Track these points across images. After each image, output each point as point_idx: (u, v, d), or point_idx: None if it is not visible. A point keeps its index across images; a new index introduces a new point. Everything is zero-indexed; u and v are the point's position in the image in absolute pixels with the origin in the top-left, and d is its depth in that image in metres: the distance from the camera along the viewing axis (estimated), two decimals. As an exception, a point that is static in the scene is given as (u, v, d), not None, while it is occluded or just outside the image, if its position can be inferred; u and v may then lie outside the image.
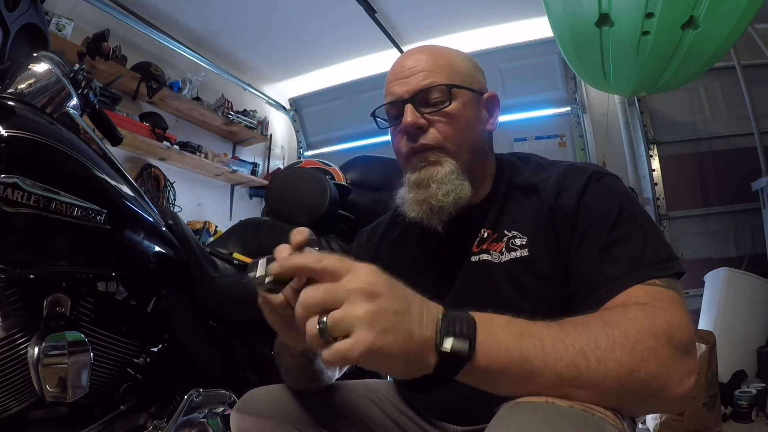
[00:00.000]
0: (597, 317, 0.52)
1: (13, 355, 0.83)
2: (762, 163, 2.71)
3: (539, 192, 0.71)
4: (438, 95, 0.73)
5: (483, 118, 0.78)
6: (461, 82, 0.75)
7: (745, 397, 2.08)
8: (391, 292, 0.45)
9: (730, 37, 1.80)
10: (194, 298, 1.17)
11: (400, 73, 0.76)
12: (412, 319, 0.45)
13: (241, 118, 3.60)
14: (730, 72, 2.79)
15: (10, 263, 0.83)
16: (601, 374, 0.46)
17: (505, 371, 0.46)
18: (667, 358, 0.49)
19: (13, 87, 0.92)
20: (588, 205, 0.66)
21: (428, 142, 0.73)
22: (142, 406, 1.08)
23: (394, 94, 0.75)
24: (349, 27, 3.20)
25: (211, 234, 3.13)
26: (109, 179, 0.98)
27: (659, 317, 0.51)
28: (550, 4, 1.99)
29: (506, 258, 0.70)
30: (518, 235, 0.71)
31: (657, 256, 0.59)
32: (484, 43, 3.45)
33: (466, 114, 0.74)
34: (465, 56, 0.79)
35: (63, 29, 2.35)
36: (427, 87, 0.73)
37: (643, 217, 0.65)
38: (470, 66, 0.79)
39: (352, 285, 0.44)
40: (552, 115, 3.60)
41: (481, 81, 0.80)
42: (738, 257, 2.91)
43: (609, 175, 0.70)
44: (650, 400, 0.50)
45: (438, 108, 0.73)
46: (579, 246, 0.64)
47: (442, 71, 0.74)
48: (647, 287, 0.56)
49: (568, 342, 0.47)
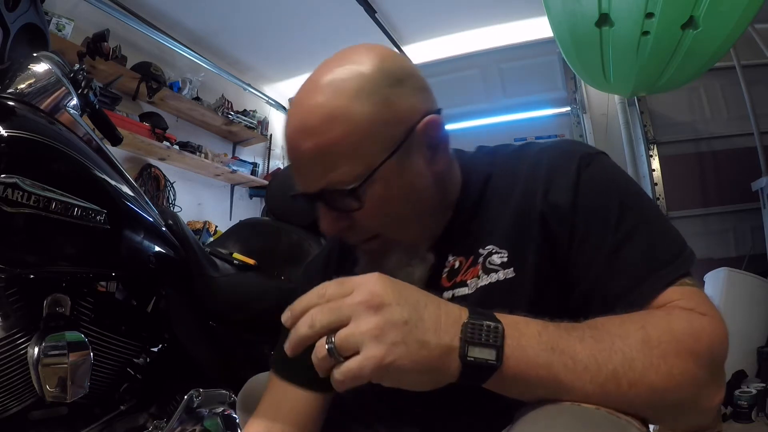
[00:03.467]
0: (638, 327, 0.46)
1: (13, 355, 0.83)
2: (762, 163, 2.71)
3: (521, 192, 0.59)
4: (344, 194, 0.55)
5: (420, 171, 0.58)
6: (370, 157, 0.54)
7: (745, 397, 2.08)
8: (400, 299, 0.42)
9: (730, 37, 1.80)
10: (194, 298, 1.17)
11: (291, 159, 0.58)
12: (425, 328, 0.42)
13: (241, 118, 3.60)
14: (730, 72, 2.79)
15: (10, 263, 0.82)
16: (630, 398, 0.44)
17: (532, 385, 0.44)
18: (704, 380, 0.45)
19: (13, 87, 0.92)
20: (585, 199, 0.55)
21: (363, 237, 0.60)
22: (142, 406, 1.08)
23: (297, 184, 0.59)
24: (349, 27, 3.20)
25: (211, 234, 3.13)
26: (109, 179, 0.98)
27: (704, 332, 0.46)
28: (550, 4, 1.99)
29: (484, 282, 0.57)
30: (495, 249, 0.58)
31: (675, 249, 0.53)
32: (484, 43, 3.45)
33: (393, 192, 0.56)
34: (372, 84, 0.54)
35: (63, 29, 2.35)
36: (325, 190, 0.56)
37: (646, 204, 0.57)
38: (380, 103, 0.54)
39: (356, 299, 0.42)
40: (552, 115, 3.60)
41: (406, 108, 0.57)
42: (738, 257, 2.90)
43: (597, 155, 0.60)
44: (675, 419, 0.48)
45: (352, 208, 0.56)
46: (581, 250, 0.54)
47: (338, 154, 0.54)
48: (681, 288, 0.51)
49: (601, 361, 0.44)
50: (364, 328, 0.41)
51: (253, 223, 1.63)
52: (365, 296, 0.42)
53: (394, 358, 0.40)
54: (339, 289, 0.43)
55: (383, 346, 0.40)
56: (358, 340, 0.41)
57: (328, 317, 0.42)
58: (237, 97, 3.71)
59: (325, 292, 0.43)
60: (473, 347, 0.42)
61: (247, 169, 3.67)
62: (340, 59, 0.57)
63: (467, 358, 0.42)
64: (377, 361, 0.40)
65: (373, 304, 0.41)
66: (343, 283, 0.43)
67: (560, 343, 0.44)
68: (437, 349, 0.42)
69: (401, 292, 0.43)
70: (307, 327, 0.43)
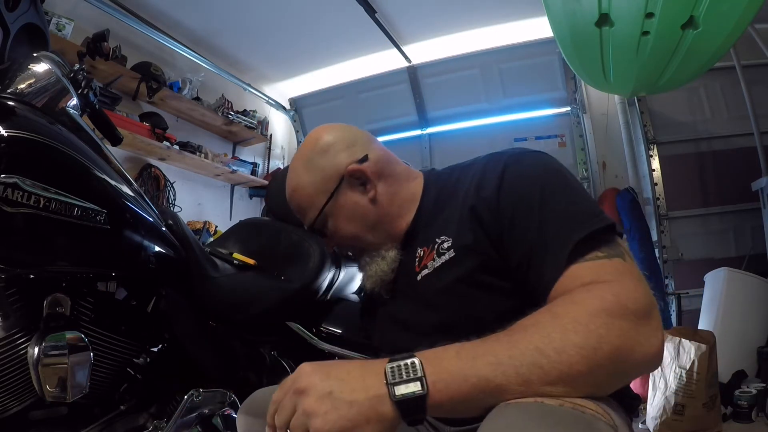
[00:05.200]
0: (545, 311, 0.52)
1: (13, 355, 0.83)
2: (762, 163, 2.71)
3: (464, 192, 0.73)
4: (318, 228, 0.84)
5: (356, 201, 0.81)
6: (318, 204, 0.81)
7: (745, 397, 2.08)
8: (323, 378, 0.50)
9: (730, 37, 1.80)
10: (194, 298, 1.17)
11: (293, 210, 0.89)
12: (351, 388, 0.48)
13: (241, 118, 3.60)
14: (730, 72, 2.80)
15: (10, 263, 0.82)
16: (566, 363, 0.47)
17: (470, 396, 0.48)
18: (625, 327, 0.49)
19: (13, 87, 0.92)
20: (508, 190, 0.66)
21: (345, 249, 0.88)
22: (142, 406, 1.08)
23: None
24: (349, 27, 3.20)
25: (211, 234, 3.13)
26: (109, 179, 0.98)
27: (606, 291, 0.52)
28: (550, 4, 1.99)
29: (438, 264, 0.72)
30: (445, 239, 0.72)
31: (585, 226, 0.59)
32: (484, 43, 3.45)
33: (340, 221, 0.82)
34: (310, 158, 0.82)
35: (63, 29, 2.35)
36: (310, 227, 0.85)
37: (564, 187, 0.65)
38: (316, 171, 0.82)
39: (287, 394, 0.51)
40: (552, 115, 3.60)
41: (333, 168, 0.81)
42: (738, 257, 2.91)
43: (529, 154, 0.71)
44: (624, 369, 0.51)
45: (324, 235, 0.85)
46: (510, 235, 0.64)
47: (305, 208, 0.83)
48: (588, 263, 0.57)
49: (522, 346, 0.48)
50: (301, 410, 0.49)
51: (253, 223, 1.63)
52: (294, 387, 0.50)
53: (331, 424, 0.47)
54: (281, 391, 0.52)
55: (319, 419, 0.47)
56: (303, 422, 0.48)
57: (281, 416, 0.51)
58: (237, 97, 3.72)
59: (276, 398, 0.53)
60: (398, 386, 0.48)
61: (247, 169, 3.67)
62: (303, 144, 0.85)
63: (396, 397, 0.47)
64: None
65: (299, 391, 0.50)
66: (284, 383, 0.53)
67: (478, 351, 0.50)
68: (367, 402, 0.48)
69: (326, 371, 0.51)
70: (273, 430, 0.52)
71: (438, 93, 3.75)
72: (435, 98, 3.75)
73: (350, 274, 1.44)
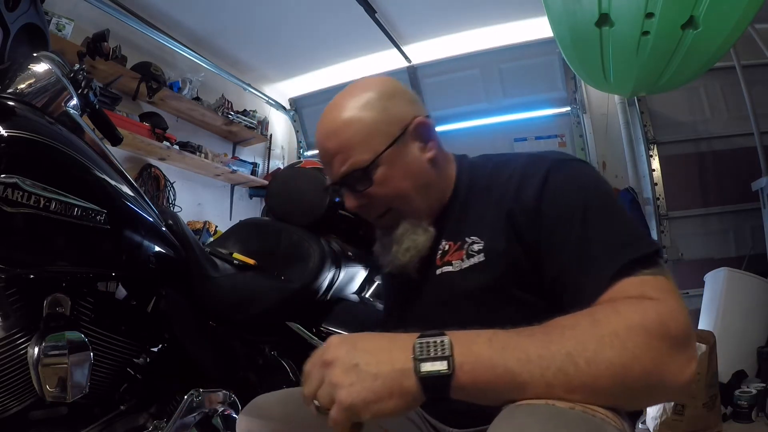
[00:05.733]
0: (586, 315, 0.51)
1: (13, 355, 0.83)
2: (762, 163, 2.71)
3: (498, 192, 0.70)
4: (359, 176, 0.73)
5: (416, 157, 0.75)
6: (376, 146, 0.73)
7: (745, 397, 2.08)
8: (350, 350, 0.50)
9: (730, 37, 1.80)
10: (194, 298, 1.17)
11: (321, 157, 0.79)
12: (377, 361, 0.49)
13: (241, 118, 3.60)
14: (730, 72, 2.79)
15: (10, 263, 0.82)
16: (593, 376, 0.46)
17: (493, 386, 0.47)
18: (662, 351, 0.47)
19: (13, 87, 0.92)
20: (551, 200, 0.63)
21: (378, 212, 0.77)
22: (142, 406, 1.08)
23: (328, 176, 0.79)
24: (349, 27, 3.20)
25: (211, 234, 3.13)
26: (109, 179, 0.98)
27: (651, 309, 0.50)
28: (550, 4, 1.99)
29: (466, 265, 0.70)
30: (476, 240, 0.70)
31: (637, 245, 0.57)
32: (484, 43, 3.45)
33: (396, 172, 0.74)
34: (374, 99, 0.75)
35: (63, 29, 2.35)
36: (346, 174, 0.74)
37: (611, 204, 0.63)
38: (380, 111, 0.74)
39: (315, 366, 0.52)
40: (552, 115, 3.60)
41: (399, 114, 0.75)
42: (738, 257, 2.91)
43: (571, 162, 0.68)
44: (650, 394, 0.50)
45: (366, 186, 0.74)
46: (550, 245, 0.62)
47: (353, 147, 0.73)
48: (636, 278, 0.55)
49: (554, 348, 0.47)
50: (327, 381, 0.49)
51: (253, 223, 1.63)
52: (323, 358, 0.51)
53: (355, 396, 0.47)
54: (310, 363, 0.53)
55: (344, 390, 0.48)
56: (328, 392, 0.49)
57: (309, 387, 0.52)
58: (237, 97, 3.71)
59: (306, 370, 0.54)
60: (425, 363, 0.47)
61: (247, 169, 3.67)
62: (355, 87, 0.79)
63: (420, 373, 0.47)
64: (347, 404, 0.47)
65: (326, 363, 0.50)
66: (314, 355, 0.53)
67: (510, 342, 0.49)
68: (391, 375, 0.48)
69: (353, 343, 0.51)
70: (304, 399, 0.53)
71: (438, 93, 3.74)
72: (435, 98, 3.75)
73: (350, 274, 1.44)
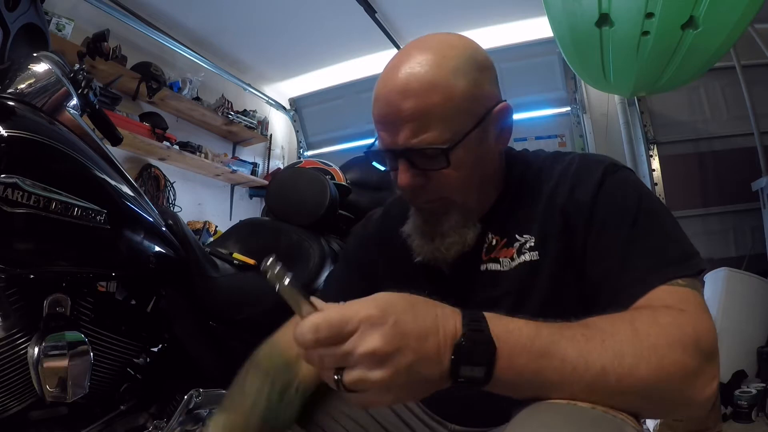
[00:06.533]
0: (627, 323, 0.49)
1: (13, 355, 0.83)
2: (762, 163, 2.71)
3: (551, 189, 0.66)
4: (434, 154, 0.62)
5: (491, 145, 0.67)
6: (461, 124, 0.62)
7: (745, 397, 2.08)
8: (403, 341, 0.43)
9: (730, 37, 1.80)
10: (194, 298, 1.17)
11: (385, 115, 0.63)
12: (429, 361, 0.44)
13: (241, 118, 3.60)
14: (730, 72, 2.79)
15: (10, 263, 0.83)
16: (620, 391, 0.46)
17: (521, 387, 0.47)
18: (693, 369, 0.47)
19: (13, 87, 0.92)
20: (605, 199, 0.62)
21: (430, 197, 0.67)
22: (142, 406, 1.08)
23: (383, 141, 0.65)
24: (349, 27, 3.20)
25: (211, 234, 3.13)
26: (109, 179, 0.98)
27: (688, 324, 0.49)
28: (550, 4, 1.99)
29: (516, 263, 0.66)
30: (528, 237, 0.66)
31: (681, 254, 0.57)
32: (484, 43, 3.37)
33: (471, 158, 0.64)
34: (466, 66, 0.63)
35: (63, 29, 2.35)
36: (417, 147, 0.62)
37: (663, 211, 0.62)
38: (472, 83, 0.63)
39: (361, 349, 0.42)
40: (552, 115, 3.60)
41: (488, 91, 0.66)
42: (738, 257, 2.90)
43: (624, 167, 0.66)
44: (673, 409, 0.50)
45: (440, 167, 0.63)
46: (597, 242, 0.60)
47: (436, 118, 0.61)
48: (671, 288, 0.54)
49: (590, 359, 0.46)
50: (372, 378, 0.42)
51: (253, 223, 1.63)
52: (369, 348, 0.42)
53: (401, 396, 0.45)
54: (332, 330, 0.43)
55: (392, 393, 0.44)
56: (366, 386, 0.43)
57: (335, 361, 0.43)
58: (237, 97, 3.71)
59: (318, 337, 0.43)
60: (464, 367, 0.45)
61: (247, 169, 3.67)
62: (438, 41, 0.65)
63: (459, 378, 0.45)
64: (387, 402, 0.45)
65: (379, 358, 0.42)
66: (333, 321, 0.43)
67: (551, 348, 0.47)
68: (438, 374, 0.45)
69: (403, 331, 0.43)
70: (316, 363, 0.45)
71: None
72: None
73: (350, 274, 1.44)
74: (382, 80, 0.65)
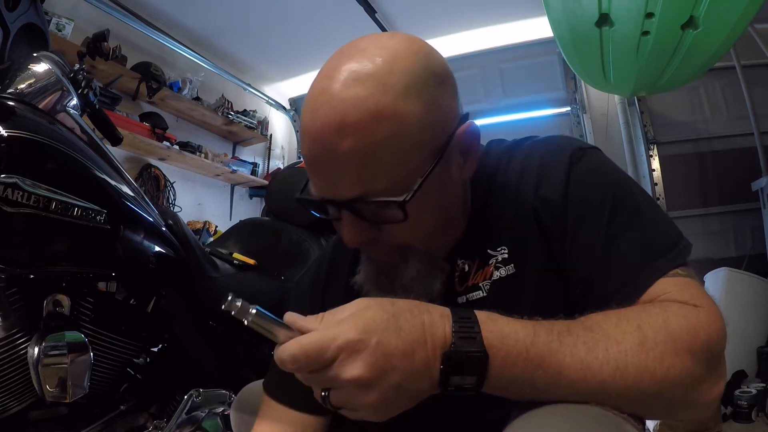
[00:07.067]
0: (635, 326, 0.45)
1: (13, 355, 0.83)
2: (762, 163, 2.71)
3: (515, 188, 0.58)
4: (385, 206, 0.50)
5: (454, 178, 0.55)
6: (417, 163, 0.49)
7: (745, 397, 2.08)
8: (388, 363, 0.40)
9: (730, 37, 1.80)
10: (194, 298, 1.17)
11: (318, 158, 0.50)
12: (418, 375, 0.41)
13: (241, 118, 3.60)
14: (730, 72, 2.79)
15: (10, 263, 0.82)
16: (620, 402, 0.45)
17: (515, 393, 0.45)
18: (700, 376, 0.44)
19: (13, 87, 0.92)
20: (576, 196, 0.54)
21: (385, 249, 0.55)
22: (142, 406, 1.08)
23: (319, 189, 0.53)
24: (349, 27, 3.20)
25: (211, 234, 3.13)
26: (109, 179, 0.98)
27: (702, 329, 0.45)
28: (550, 4, 1.99)
29: (491, 281, 0.57)
30: (501, 249, 0.57)
31: (668, 241, 0.52)
32: (484, 43, 3.45)
33: (430, 202, 0.52)
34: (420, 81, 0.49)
35: (63, 29, 2.35)
36: (361, 199, 0.50)
37: (638, 193, 0.56)
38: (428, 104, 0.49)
39: (344, 377, 0.40)
40: (552, 115, 3.60)
41: (449, 110, 0.53)
42: (738, 257, 2.90)
43: (589, 148, 0.59)
44: (673, 412, 0.48)
45: (393, 221, 0.51)
46: (577, 243, 0.53)
47: (385, 160, 0.48)
48: (673, 279, 0.49)
49: (590, 373, 0.43)
50: (359, 403, 0.41)
51: (253, 223, 1.63)
52: (355, 373, 0.40)
53: (389, 413, 0.43)
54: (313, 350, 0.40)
55: (380, 413, 0.42)
56: (354, 408, 0.42)
57: (320, 383, 0.42)
58: (237, 97, 3.71)
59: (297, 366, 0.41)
60: (453, 377, 0.42)
61: (247, 169, 3.67)
62: (380, 48, 0.50)
63: (449, 387, 0.43)
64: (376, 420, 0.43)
65: (365, 383, 0.40)
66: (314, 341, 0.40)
67: (548, 357, 0.43)
68: (427, 386, 0.43)
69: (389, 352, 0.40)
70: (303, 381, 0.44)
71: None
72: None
73: (350, 274, 1.44)
74: (309, 108, 0.51)
